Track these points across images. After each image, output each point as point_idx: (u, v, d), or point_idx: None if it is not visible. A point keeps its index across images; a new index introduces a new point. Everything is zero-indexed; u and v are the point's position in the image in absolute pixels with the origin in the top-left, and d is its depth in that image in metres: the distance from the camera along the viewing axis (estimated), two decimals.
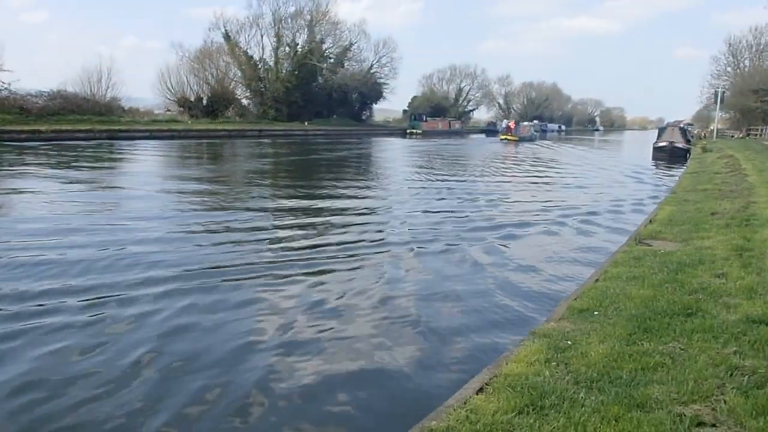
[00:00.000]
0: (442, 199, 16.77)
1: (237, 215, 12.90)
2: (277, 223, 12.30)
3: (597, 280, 6.42)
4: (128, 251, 8.98)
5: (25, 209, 12.67)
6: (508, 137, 65.13)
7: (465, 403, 3.62)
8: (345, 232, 11.27)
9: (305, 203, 15.15)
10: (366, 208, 14.58)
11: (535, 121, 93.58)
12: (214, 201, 15.22)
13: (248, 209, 13.81)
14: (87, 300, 6.71)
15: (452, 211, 14.26)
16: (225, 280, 7.71)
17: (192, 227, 11.29)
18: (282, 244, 10.01)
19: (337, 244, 10.10)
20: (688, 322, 4.85)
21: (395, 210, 14.39)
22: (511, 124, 71.22)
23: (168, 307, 6.62)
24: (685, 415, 3.37)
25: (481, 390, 3.80)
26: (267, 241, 10.34)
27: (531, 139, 69.06)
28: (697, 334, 4.58)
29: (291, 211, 14.02)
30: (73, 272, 7.74)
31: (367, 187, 19.49)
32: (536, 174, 26.53)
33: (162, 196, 15.71)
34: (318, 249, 9.71)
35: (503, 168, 29.76)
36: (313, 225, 12.09)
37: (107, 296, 6.87)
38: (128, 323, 6.15)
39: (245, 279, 7.86)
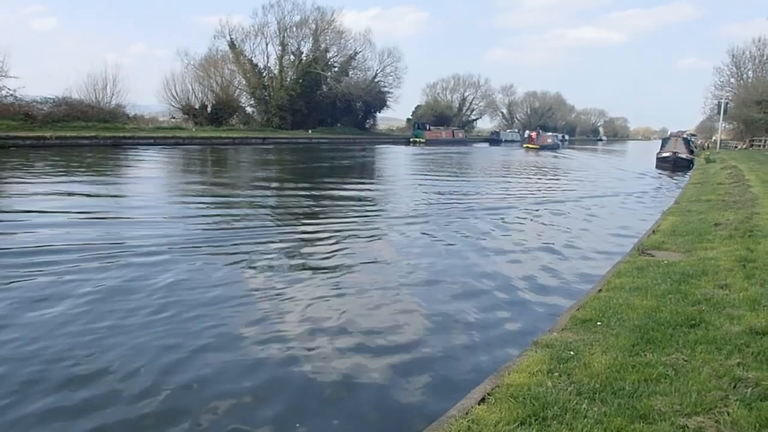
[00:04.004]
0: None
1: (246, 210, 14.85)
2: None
3: (600, 291, 6.40)
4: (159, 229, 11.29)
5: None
6: (530, 146, 71.18)
7: (467, 413, 3.61)
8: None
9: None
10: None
11: (527, 131, 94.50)
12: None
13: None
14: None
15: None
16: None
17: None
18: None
19: None
20: (691, 334, 4.84)
21: None
22: (533, 134, 77.19)
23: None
24: (688, 427, 3.36)
25: (483, 400, 3.79)
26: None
27: (552, 148, 72.98)
28: (701, 346, 4.56)
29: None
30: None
31: (373, 185, 19.74)
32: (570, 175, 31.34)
33: (171, 195, 17.27)
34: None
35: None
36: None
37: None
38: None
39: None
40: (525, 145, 75.44)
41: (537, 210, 15.93)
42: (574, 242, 11.43)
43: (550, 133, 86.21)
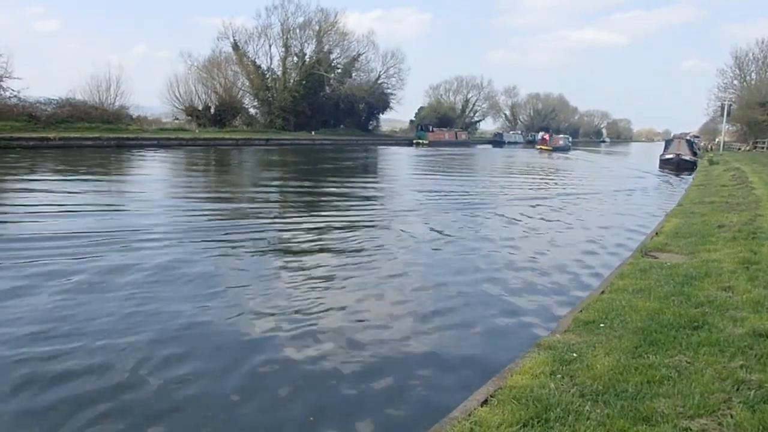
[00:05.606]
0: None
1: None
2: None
3: (603, 292, 6.39)
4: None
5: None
6: (543, 147, 74.71)
7: (469, 415, 3.61)
8: None
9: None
10: None
11: (541, 133, 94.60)
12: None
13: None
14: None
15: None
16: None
17: None
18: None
19: None
20: (694, 336, 4.83)
21: None
22: (546, 136, 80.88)
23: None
24: (691, 430, 3.35)
25: (485, 402, 3.79)
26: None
27: (564, 149, 75.65)
28: (704, 348, 4.55)
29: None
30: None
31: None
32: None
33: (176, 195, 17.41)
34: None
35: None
36: None
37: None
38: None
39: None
40: (538, 147, 78.35)
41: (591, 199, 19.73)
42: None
43: (561, 135, 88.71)
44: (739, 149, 59.32)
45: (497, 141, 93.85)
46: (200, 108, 58.35)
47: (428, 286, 8.03)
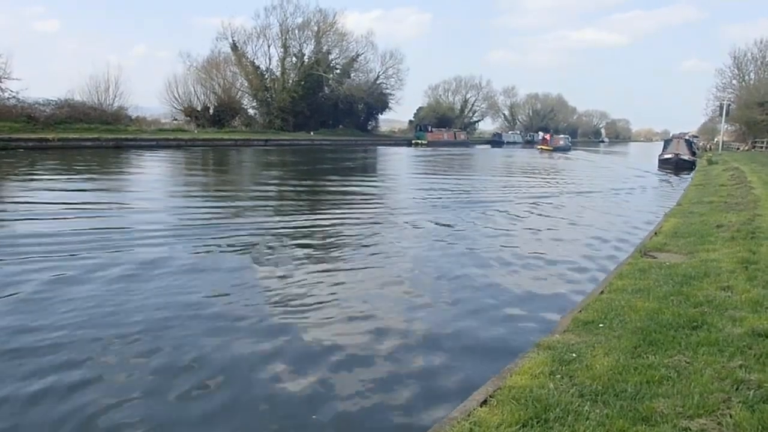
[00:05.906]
0: None
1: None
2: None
3: (602, 293, 6.39)
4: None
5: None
6: (544, 147, 75.88)
7: (469, 415, 3.60)
8: None
9: None
10: None
11: (541, 133, 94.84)
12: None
13: None
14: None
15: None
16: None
17: None
18: None
19: None
20: (693, 335, 4.83)
21: None
22: (547, 136, 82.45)
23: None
24: (690, 430, 3.35)
25: (485, 402, 3.79)
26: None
27: (564, 149, 76.41)
28: (703, 348, 4.55)
29: None
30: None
31: None
32: None
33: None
34: None
35: None
36: None
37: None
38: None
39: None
40: (539, 147, 79.01)
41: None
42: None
43: (561, 135, 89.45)
44: (738, 149, 59.37)
45: (496, 141, 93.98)
46: (199, 108, 58.39)
47: (427, 281, 8.09)
